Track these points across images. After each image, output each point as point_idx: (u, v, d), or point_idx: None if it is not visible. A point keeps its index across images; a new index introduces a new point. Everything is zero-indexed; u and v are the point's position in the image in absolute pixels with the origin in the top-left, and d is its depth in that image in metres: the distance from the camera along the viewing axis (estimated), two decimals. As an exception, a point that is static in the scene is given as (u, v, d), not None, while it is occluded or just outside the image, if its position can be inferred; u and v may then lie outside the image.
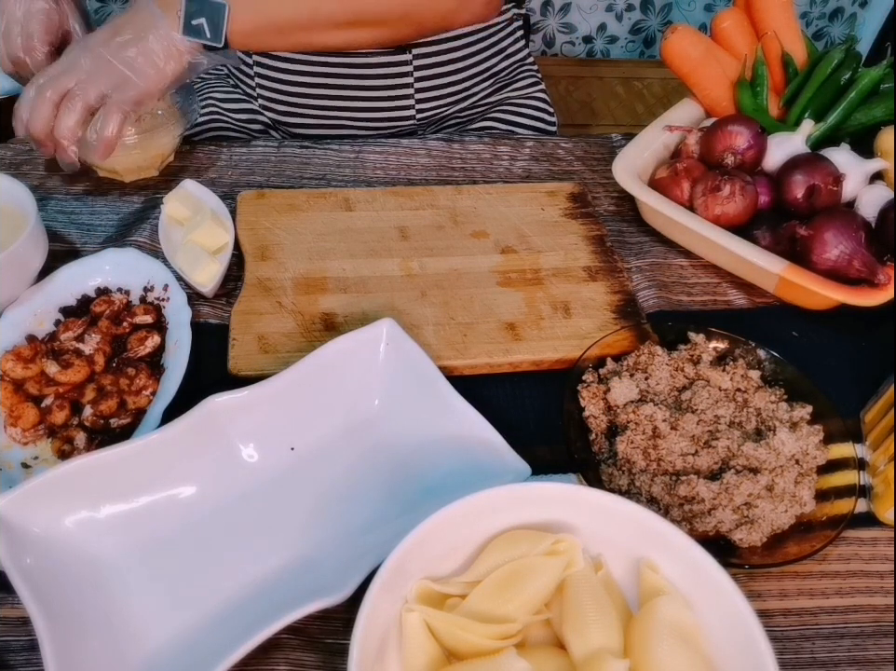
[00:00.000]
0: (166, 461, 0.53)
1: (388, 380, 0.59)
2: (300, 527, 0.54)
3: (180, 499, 0.53)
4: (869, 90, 0.79)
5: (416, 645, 0.44)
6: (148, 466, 0.52)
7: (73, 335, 0.63)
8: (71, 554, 0.49)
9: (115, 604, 0.49)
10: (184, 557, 0.52)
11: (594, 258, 0.73)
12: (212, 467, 0.54)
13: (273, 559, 0.52)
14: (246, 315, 0.66)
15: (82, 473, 0.50)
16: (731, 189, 0.71)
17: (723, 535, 0.54)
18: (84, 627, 0.46)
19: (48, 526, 0.49)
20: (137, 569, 0.51)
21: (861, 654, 0.51)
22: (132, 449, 0.51)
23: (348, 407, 0.59)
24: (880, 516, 0.58)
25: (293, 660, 0.49)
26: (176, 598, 0.50)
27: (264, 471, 0.55)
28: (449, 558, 0.47)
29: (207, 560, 0.52)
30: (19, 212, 0.66)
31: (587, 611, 0.45)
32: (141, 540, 0.52)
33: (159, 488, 0.53)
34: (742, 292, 0.74)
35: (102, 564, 0.50)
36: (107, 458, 0.51)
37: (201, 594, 0.50)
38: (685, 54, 0.81)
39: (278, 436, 0.57)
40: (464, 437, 0.57)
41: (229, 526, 0.53)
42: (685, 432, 0.58)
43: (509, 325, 0.67)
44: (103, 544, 0.51)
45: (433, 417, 0.58)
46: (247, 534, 0.53)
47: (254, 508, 0.54)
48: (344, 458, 0.57)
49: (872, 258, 0.67)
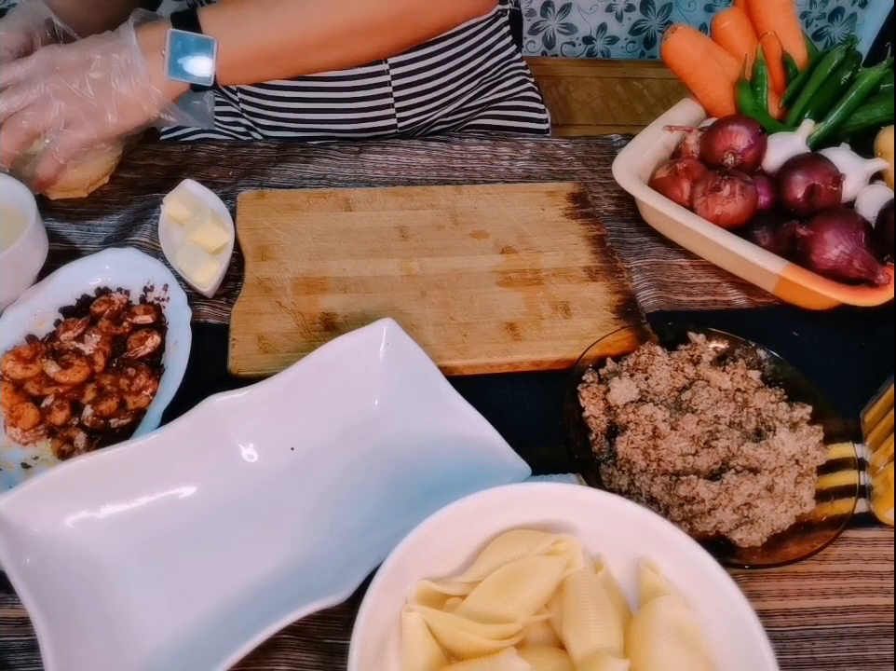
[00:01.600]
0: (166, 461, 0.53)
1: (388, 380, 0.59)
2: (300, 527, 0.54)
3: (180, 500, 0.53)
4: (869, 90, 0.79)
5: (416, 645, 0.44)
6: (148, 466, 0.52)
7: (73, 335, 0.63)
8: (71, 554, 0.49)
9: (116, 604, 0.49)
10: (185, 557, 0.52)
11: (594, 258, 0.73)
12: (213, 467, 0.54)
13: (273, 559, 0.52)
14: (246, 315, 0.66)
15: (82, 473, 0.50)
16: (731, 189, 0.71)
17: (723, 535, 0.54)
18: (84, 627, 0.46)
19: (48, 526, 0.49)
20: (137, 569, 0.51)
21: (861, 654, 0.51)
22: (132, 449, 0.51)
23: (348, 407, 0.59)
24: (880, 516, 0.58)
25: (293, 660, 0.49)
26: (176, 598, 0.50)
27: (264, 471, 0.55)
28: (449, 558, 0.47)
29: (207, 560, 0.52)
30: (19, 212, 0.66)
31: (587, 611, 0.45)
32: (141, 540, 0.52)
33: (159, 488, 0.53)
34: (742, 292, 0.74)
35: (103, 564, 0.50)
36: (107, 458, 0.51)
37: (201, 594, 0.50)
38: (685, 54, 0.81)
39: (279, 436, 0.57)
40: (464, 437, 0.57)
41: (229, 526, 0.53)
42: (685, 432, 0.58)
43: (509, 325, 0.67)
44: (104, 544, 0.51)
45: (433, 417, 0.58)
46: (247, 534, 0.53)
47: (254, 508, 0.54)
48: (344, 458, 0.57)
49: (872, 258, 0.67)
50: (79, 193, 0.78)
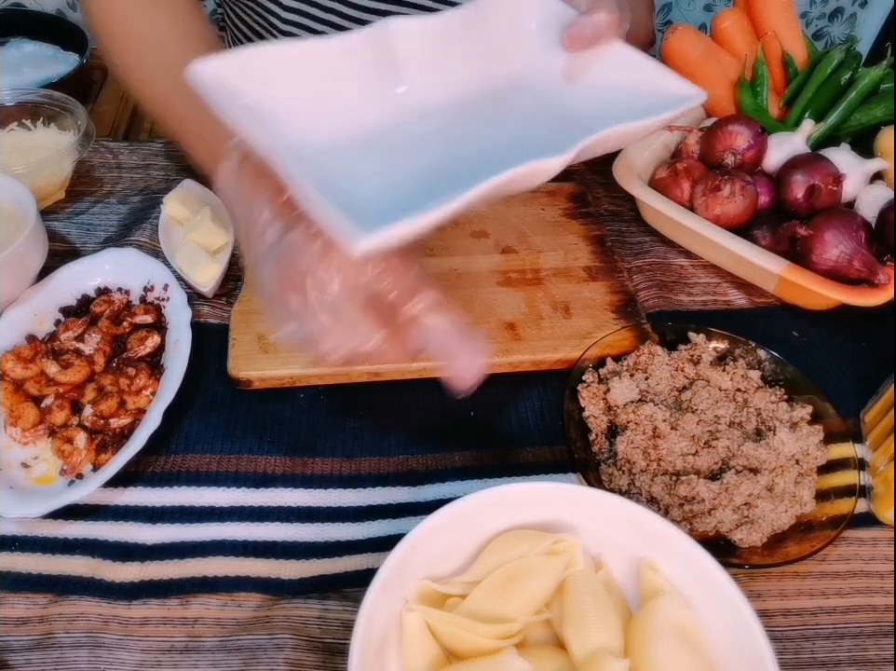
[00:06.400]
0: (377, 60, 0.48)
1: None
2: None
3: (392, 95, 0.49)
4: (869, 90, 0.79)
5: (416, 645, 0.44)
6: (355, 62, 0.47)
7: (73, 335, 0.63)
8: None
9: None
10: (401, 152, 0.47)
11: (594, 258, 0.73)
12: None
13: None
14: (246, 315, 0.66)
15: (287, 56, 0.45)
16: (731, 189, 0.71)
17: (723, 535, 0.55)
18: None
19: (258, 100, 0.44)
20: (352, 153, 0.45)
21: (861, 654, 0.51)
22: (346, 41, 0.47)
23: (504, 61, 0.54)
24: (880, 516, 0.58)
25: (293, 660, 0.49)
26: (394, 178, 0.44)
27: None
28: (449, 558, 0.47)
29: (424, 157, 0.47)
30: (19, 212, 0.66)
31: (587, 611, 0.45)
32: (352, 127, 0.46)
33: (373, 82, 0.48)
34: (742, 292, 0.74)
35: (315, 147, 0.45)
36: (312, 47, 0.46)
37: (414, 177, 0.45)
38: (685, 54, 0.81)
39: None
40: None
41: (444, 125, 0.49)
42: (685, 432, 0.58)
43: (509, 325, 0.67)
44: (313, 134, 0.45)
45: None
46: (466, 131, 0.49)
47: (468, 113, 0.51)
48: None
49: (872, 258, 0.67)
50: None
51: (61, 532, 0.54)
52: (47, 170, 0.74)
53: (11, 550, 0.53)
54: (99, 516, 0.55)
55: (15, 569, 0.52)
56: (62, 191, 0.78)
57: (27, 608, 0.51)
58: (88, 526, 0.55)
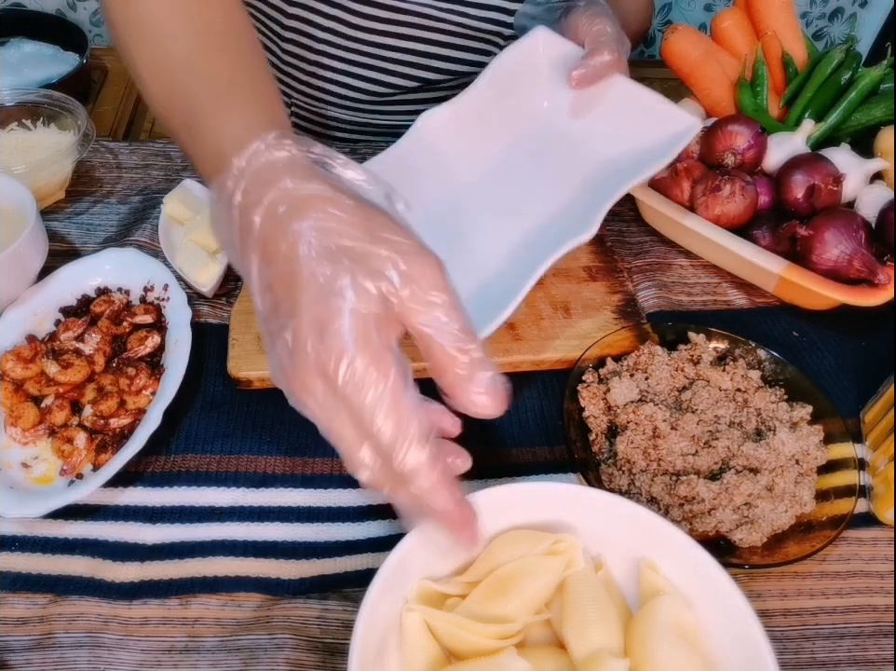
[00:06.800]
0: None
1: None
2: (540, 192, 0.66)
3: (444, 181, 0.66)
4: (869, 90, 0.79)
5: (416, 645, 0.44)
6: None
7: (73, 335, 0.63)
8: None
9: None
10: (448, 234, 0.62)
11: (594, 258, 0.73)
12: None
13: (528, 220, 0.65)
14: (246, 315, 0.66)
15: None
16: (731, 189, 0.71)
17: (723, 535, 0.54)
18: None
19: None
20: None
21: (861, 654, 0.51)
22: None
23: (525, 114, 0.69)
24: (880, 516, 0.58)
25: (293, 660, 0.49)
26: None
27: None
28: (449, 558, 0.47)
29: (469, 234, 0.63)
30: (19, 213, 0.66)
31: (587, 611, 0.45)
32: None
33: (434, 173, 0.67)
34: (742, 292, 0.74)
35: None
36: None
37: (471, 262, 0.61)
38: (685, 54, 0.81)
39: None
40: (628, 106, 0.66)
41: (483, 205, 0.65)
42: (685, 432, 0.58)
43: (509, 325, 0.67)
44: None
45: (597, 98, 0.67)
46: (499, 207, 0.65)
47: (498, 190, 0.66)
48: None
49: (872, 258, 0.67)
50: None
51: (61, 532, 0.54)
52: (47, 170, 0.74)
53: (11, 550, 0.53)
54: (99, 516, 0.55)
55: (15, 569, 0.52)
56: (62, 191, 0.78)
57: (27, 608, 0.51)
58: (88, 526, 0.55)
